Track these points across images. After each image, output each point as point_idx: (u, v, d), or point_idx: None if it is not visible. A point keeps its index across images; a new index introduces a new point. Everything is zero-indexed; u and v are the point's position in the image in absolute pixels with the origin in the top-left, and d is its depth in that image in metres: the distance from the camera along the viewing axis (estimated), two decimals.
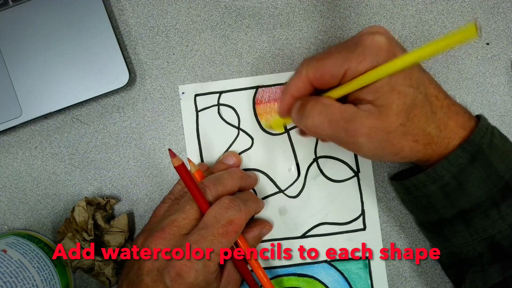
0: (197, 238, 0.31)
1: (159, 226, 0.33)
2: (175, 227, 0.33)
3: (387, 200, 0.40)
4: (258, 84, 0.41)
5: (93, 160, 0.41)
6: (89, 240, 0.37)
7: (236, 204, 0.33)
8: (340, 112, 0.31)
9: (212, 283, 0.32)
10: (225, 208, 0.33)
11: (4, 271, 0.34)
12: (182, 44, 0.42)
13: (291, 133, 0.41)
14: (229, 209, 0.33)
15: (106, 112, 0.42)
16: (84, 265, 0.37)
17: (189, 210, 0.33)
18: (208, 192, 0.34)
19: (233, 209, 0.33)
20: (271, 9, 0.42)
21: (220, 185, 0.34)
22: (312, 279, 0.40)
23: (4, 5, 0.40)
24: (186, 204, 0.33)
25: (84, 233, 0.37)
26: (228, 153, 0.40)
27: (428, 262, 0.40)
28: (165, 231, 0.32)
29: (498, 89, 0.41)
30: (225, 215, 0.32)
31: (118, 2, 0.42)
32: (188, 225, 0.33)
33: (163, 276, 0.31)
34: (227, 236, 0.32)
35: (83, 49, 0.40)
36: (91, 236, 0.38)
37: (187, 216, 0.33)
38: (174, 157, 0.33)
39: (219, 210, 0.33)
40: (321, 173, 0.41)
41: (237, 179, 0.36)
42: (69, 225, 0.38)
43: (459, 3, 0.41)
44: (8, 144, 0.42)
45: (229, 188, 0.35)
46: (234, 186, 0.36)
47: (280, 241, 0.40)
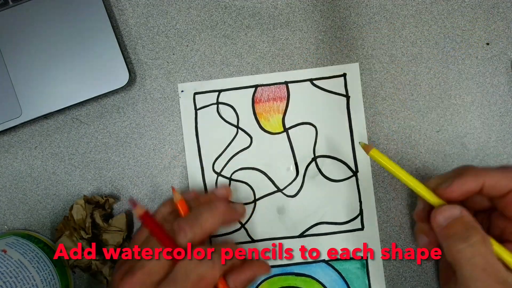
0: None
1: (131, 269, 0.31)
2: (146, 274, 0.31)
3: (386, 200, 0.40)
4: (257, 83, 0.41)
5: (93, 160, 0.41)
6: (87, 238, 0.37)
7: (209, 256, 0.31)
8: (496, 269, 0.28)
9: None
10: (195, 262, 0.31)
11: (4, 271, 0.34)
12: (182, 44, 0.42)
13: (289, 132, 0.41)
14: (201, 264, 0.31)
15: (106, 112, 0.42)
16: (82, 264, 0.37)
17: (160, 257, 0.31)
18: (183, 236, 0.32)
19: (206, 264, 0.31)
20: (271, 9, 0.42)
21: (197, 226, 0.32)
22: (310, 278, 0.40)
23: (4, 5, 0.40)
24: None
25: (82, 231, 0.38)
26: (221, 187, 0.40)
27: (428, 263, 0.40)
28: (136, 277, 0.31)
29: (498, 89, 0.41)
30: (195, 270, 0.30)
31: (118, 2, 0.42)
32: (160, 271, 0.31)
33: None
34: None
35: (83, 49, 0.40)
36: (88, 234, 0.38)
37: (159, 262, 0.31)
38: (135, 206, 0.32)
39: (190, 264, 0.31)
40: (319, 173, 0.41)
41: (218, 216, 0.34)
42: (67, 223, 0.38)
43: (459, 3, 0.41)
44: (8, 144, 0.42)
45: (208, 228, 0.33)
46: (214, 225, 0.34)
47: (278, 241, 0.40)
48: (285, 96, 0.41)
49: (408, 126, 0.41)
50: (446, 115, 0.41)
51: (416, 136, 0.41)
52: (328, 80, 0.41)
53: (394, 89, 0.41)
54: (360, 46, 0.41)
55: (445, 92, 0.41)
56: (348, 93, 0.41)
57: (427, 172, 0.40)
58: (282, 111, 0.41)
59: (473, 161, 0.40)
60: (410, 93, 0.41)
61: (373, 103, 0.41)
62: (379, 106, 0.41)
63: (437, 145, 0.41)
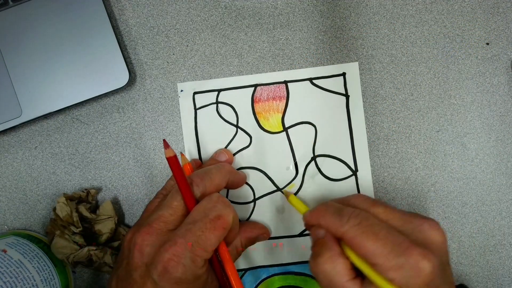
0: (184, 232, 0.31)
1: (147, 221, 0.33)
2: (162, 223, 0.32)
3: (386, 200, 0.40)
4: (257, 82, 0.41)
5: (93, 160, 0.41)
6: (78, 232, 0.37)
7: (224, 200, 0.33)
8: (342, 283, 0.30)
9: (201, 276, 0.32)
10: (213, 203, 0.32)
11: (4, 271, 0.34)
12: (182, 44, 0.42)
13: (289, 132, 0.41)
14: (218, 203, 0.32)
15: (106, 112, 0.42)
16: (81, 258, 0.37)
17: (176, 205, 0.33)
18: (195, 187, 0.33)
19: (222, 204, 0.32)
20: (271, 9, 0.42)
21: (207, 179, 0.34)
22: (310, 277, 0.40)
23: (4, 5, 0.40)
24: (173, 200, 0.33)
25: (72, 227, 0.38)
26: (221, 150, 0.40)
27: None
28: (152, 226, 0.32)
29: (498, 89, 0.41)
30: (213, 209, 0.32)
31: (118, 2, 0.42)
32: (176, 220, 0.32)
33: (150, 272, 0.31)
34: (215, 231, 0.31)
35: (83, 49, 0.40)
36: (79, 228, 0.38)
37: (174, 212, 0.32)
38: (167, 148, 0.32)
39: (207, 205, 0.32)
40: (319, 172, 0.41)
41: (225, 173, 0.36)
42: (54, 224, 0.38)
43: (459, 3, 0.41)
44: (8, 144, 0.42)
45: (217, 182, 0.35)
46: (222, 181, 0.35)
47: (278, 240, 0.40)
48: (284, 95, 0.41)
49: (408, 126, 0.41)
50: (446, 115, 0.41)
51: (416, 136, 0.41)
52: (328, 79, 0.41)
53: (394, 89, 0.41)
54: (360, 46, 0.41)
55: (445, 92, 0.41)
56: (347, 92, 0.41)
57: (427, 172, 0.40)
58: (282, 110, 0.41)
59: (473, 161, 0.40)
60: (410, 93, 0.41)
61: (373, 103, 0.41)
62: (379, 106, 0.41)
63: (437, 145, 0.41)
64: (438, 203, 0.40)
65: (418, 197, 0.40)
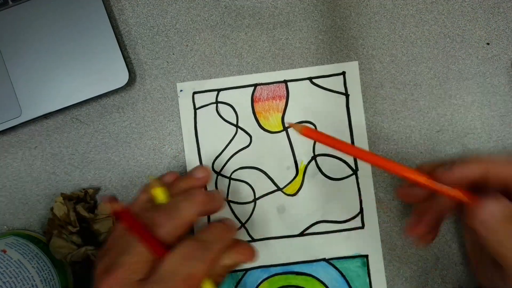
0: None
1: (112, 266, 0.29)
2: (128, 271, 0.29)
3: (387, 200, 0.40)
4: (257, 82, 0.41)
5: (93, 160, 0.41)
6: (76, 232, 0.37)
7: (197, 254, 0.30)
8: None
9: None
10: (184, 259, 0.29)
11: (3, 271, 0.34)
12: (182, 44, 0.42)
13: (289, 131, 0.41)
14: (190, 260, 0.29)
15: (106, 112, 0.42)
16: (79, 258, 0.37)
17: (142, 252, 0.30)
18: (161, 229, 0.30)
19: (194, 261, 0.29)
20: (271, 9, 0.42)
21: (175, 217, 0.31)
22: (310, 277, 0.40)
23: (4, 5, 0.40)
24: (137, 245, 0.30)
25: (69, 226, 0.37)
26: (198, 166, 0.40)
27: (428, 262, 0.40)
28: (118, 275, 0.29)
29: (498, 89, 0.41)
30: (183, 268, 0.29)
31: (118, 2, 0.42)
32: (143, 268, 0.29)
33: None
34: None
35: (83, 49, 0.40)
36: (76, 227, 0.38)
37: (140, 259, 0.29)
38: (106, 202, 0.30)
39: (177, 261, 0.29)
40: (319, 171, 0.41)
41: (197, 205, 0.32)
42: (52, 223, 0.38)
43: (459, 3, 0.41)
44: (8, 144, 0.42)
45: (187, 219, 0.32)
46: (192, 216, 0.32)
47: (278, 240, 0.40)
48: (284, 94, 0.41)
49: (408, 126, 0.41)
50: (446, 115, 0.41)
51: (416, 136, 0.41)
52: (327, 78, 0.41)
53: (394, 89, 0.41)
54: (360, 46, 0.41)
55: (446, 92, 0.41)
56: (347, 92, 0.41)
57: None
58: (282, 109, 0.41)
59: None
60: (410, 93, 0.41)
61: (373, 103, 0.41)
62: (379, 106, 0.41)
63: (437, 145, 0.41)
64: None
65: None
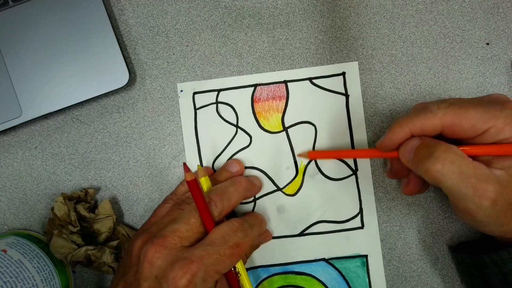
0: (201, 253, 0.31)
1: (160, 233, 0.33)
2: (177, 237, 0.32)
3: (386, 200, 0.40)
4: (257, 82, 0.41)
5: (93, 160, 0.41)
6: (76, 231, 0.37)
7: (244, 228, 0.34)
8: (473, 168, 0.29)
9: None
10: (234, 231, 0.33)
11: (4, 271, 0.34)
12: (182, 44, 0.42)
13: (289, 131, 0.41)
14: (238, 232, 0.33)
15: (106, 112, 0.42)
16: (79, 258, 0.37)
17: (194, 222, 0.33)
18: (214, 208, 0.34)
19: (241, 233, 0.33)
20: (271, 9, 0.42)
21: (226, 199, 0.35)
22: (310, 277, 0.40)
23: (4, 5, 0.40)
24: (191, 216, 0.33)
25: (70, 226, 0.38)
26: (232, 160, 0.40)
27: (428, 262, 0.40)
28: (167, 239, 0.32)
29: (498, 89, 0.41)
30: (233, 237, 0.33)
31: (118, 2, 0.42)
32: (191, 237, 0.33)
33: (161, 285, 0.31)
34: (231, 258, 0.32)
35: (83, 49, 0.40)
36: (77, 227, 0.38)
37: (191, 228, 0.33)
38: (187, 171, 0.33)
39: (228, 231, 0.33)
40: (319, 171, 0.41)
41: (242, 191, 0.36)
42: (52, 223, 0.38)
43: (459, 3, 0.41)
44: (8, 144, 0.42)
45: (234, 202, 0.35)
46: (239, 200, 0.36)
47: (278, 239, 0.40)
48: (284, 95, 0.41)
49: None
50: None
51: None
52: (327, 79, 0.41)
53: (394, 89, 0.41)
54: (360, 46, 0.41)
55: (445, 92, 0.41)
56: (347, 92, 0.41)
57: None
58: (282, 110, 0.41)
59: None
60: (410, 93, 0.41)
61: (373, 103, 0.41)
62: (379, 106, 0.41)
63: None
64: (439, 202, 0.40)
65: (418, 197, 0.40)
